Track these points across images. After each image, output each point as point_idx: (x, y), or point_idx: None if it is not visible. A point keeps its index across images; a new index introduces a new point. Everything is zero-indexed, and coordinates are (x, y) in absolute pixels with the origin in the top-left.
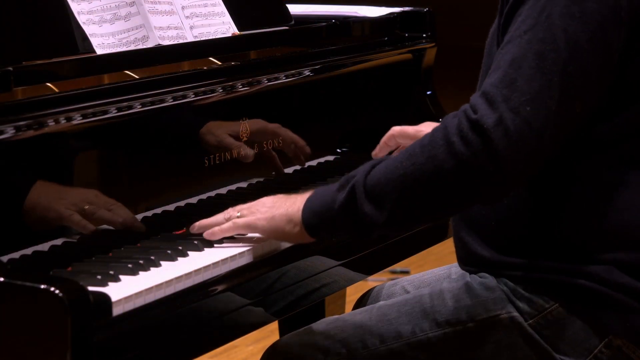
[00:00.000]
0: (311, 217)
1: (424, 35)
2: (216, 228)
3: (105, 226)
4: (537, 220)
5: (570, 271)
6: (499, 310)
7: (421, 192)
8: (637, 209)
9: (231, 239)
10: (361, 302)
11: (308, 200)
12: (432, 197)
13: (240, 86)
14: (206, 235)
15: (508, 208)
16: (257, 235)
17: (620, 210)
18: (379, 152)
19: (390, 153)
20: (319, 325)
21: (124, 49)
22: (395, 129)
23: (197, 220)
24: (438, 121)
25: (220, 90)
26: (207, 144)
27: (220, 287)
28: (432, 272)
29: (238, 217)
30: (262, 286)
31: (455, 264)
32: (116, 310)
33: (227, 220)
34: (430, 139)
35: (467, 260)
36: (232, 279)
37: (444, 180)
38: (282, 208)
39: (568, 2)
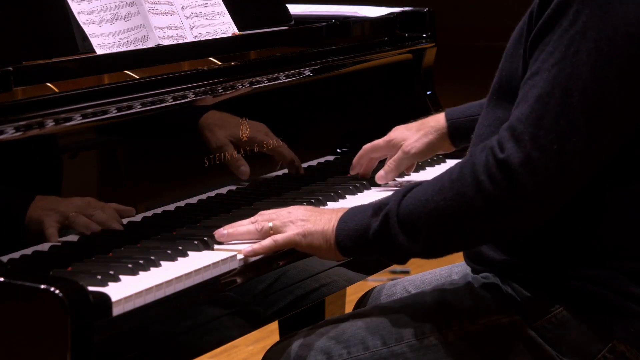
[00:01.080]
0: (346, 240)
1: (424, 35)
2: (257, 246)
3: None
4: (547, 225)
5: (578, 276)
6: (501, 314)
7: (453, 226)
8: None
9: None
10: (362, 303)
11: (342, 222)
12: (464, 231)
13: (240, 86)
14: (246, 253)
15: None
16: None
17: (628, 220)
18: (353, 173)
19: (380, 163)
20: (320, 326)
21: (124, 49)
22: (366, 147)
23: (197, 219)
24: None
25: (220, 90)
26: (207, 141)
27: (220, 287)
28: (434, 272)
29: (271, 227)
30: (262, 286)
31: (457, 263)
32: (116, 310)
33: (259, 230)
34: (459, 174)
35: (474, 257)
36: (232, 279)
37: (474, 216)
38: (318, 225)
39: (597, 37)
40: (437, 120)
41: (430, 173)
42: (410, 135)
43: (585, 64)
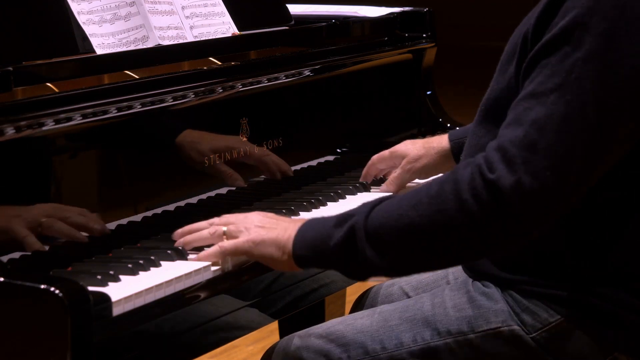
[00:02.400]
0: (303, 249)
1: (424, 35)
2: (202, 254)
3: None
4: (549, 243)
5: (578, 290)
6: (501, 323)
7: (428, 244)
8: None
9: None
10: (359, 303)
11: (301, 230)
12: (439, 249)
13: (240, 86)
14: (194, 259)
15: None
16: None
17: (631, 239)
18: (363, 180)
19: (382, 179)
20: (320, 328)
21: (124, 49)
22: (374, 158)
23: (197, 219)
24: (438, 122)
25: (220, 90)
26: (190, 158)
27: (220, 287)
28: (430, 273)
29: (224, 232)
30: (261, 286)
31: None
32: (116, 310)
33: (212, 234)
34: (439, 191)
35: (472, 269)
36: (232, 279)
37: (453, 235)
38: (272, 232)
39: (600, 66)
40: (440, 142)
41: None
42: (413, 152)
43: (587, 93)
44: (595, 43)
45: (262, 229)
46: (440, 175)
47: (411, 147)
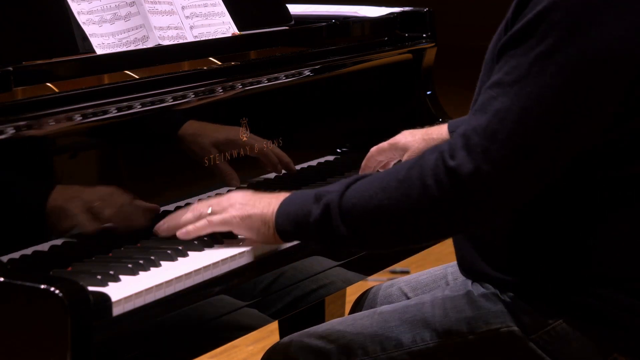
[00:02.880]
0: (286, 223)
1: (424, 35)
2: (190, 227)
3: (104, 226)
4: (544, 242)
5: (576, 291)
6: (500, 324)
7: (395, 226)
8: (634, 237)
9: (231, 239)
10: (358, 304)
11: (283, 206)
12: (406, 231)
13: (240, 86)
14: (180, 235)
15: (514, 228)
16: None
17: (625, 239)
18: (361, 172)
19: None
20: (320, 328)
21: (124, 49)
22: (372, 150)
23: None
24: (438, 122)
25: (220, 90)
26: (191, 151)
27: (220, 288)
28: (429, 272)
29: (209, 213)
30: (261, 287)
31: (451, 263)
32: (116, 310)
33: (198, 218)
34: (406, 175)
35: (469, 270)
36: (232, 279)
37: (417, 218)
38: (257, 208)
39: (562, 60)
40: (440, 132)
41: None
42: (414, 144)
43: (547, 86)
44: (558, 38)
45: (246, 205)
46: (409, 160)
47: (411, 140)
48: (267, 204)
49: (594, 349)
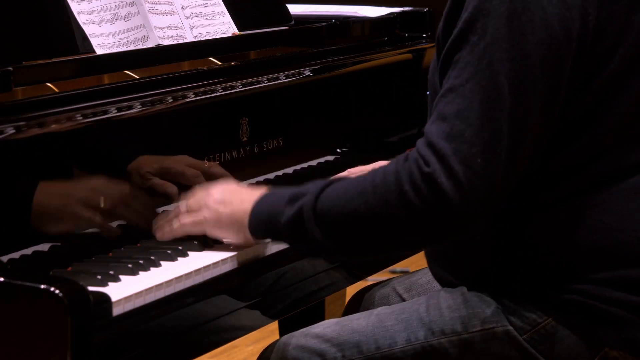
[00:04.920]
0: (257, 224)
1: (424, 35)
2: (167, 228)
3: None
4: (512, 251)
5: (560, 289)
6: (495, 323)
7: (372, 232)
8: (608, 229)
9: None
10: (354, 303)
11: (256, 204)
12: (384, 238)
13: (240, 86)
14: (157, 236)
15: (479, 241)
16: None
17: (593, 232)
18: None
19: None
20: (316, 328)
21: (124, 49)
22: (351, 171)
23: None
24: None
25: (220, 90)
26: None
27: (220, 288)
28: (423, 273)
29: (186, 209)
30: (262, 287)
31: None
32: (116, 310)
33: (176, 216)
34: (383, 179)
35: (461, 277)
36: (232, 279)
37: (395, 225)
38: (229, 207)
39: (507, 46)
40: None
41: None
42: None
43: (499, 74)
44: (498, 25)
45: (221, 204)
46: (385, 163)
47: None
48: (240, 202)
49: (585, 345)
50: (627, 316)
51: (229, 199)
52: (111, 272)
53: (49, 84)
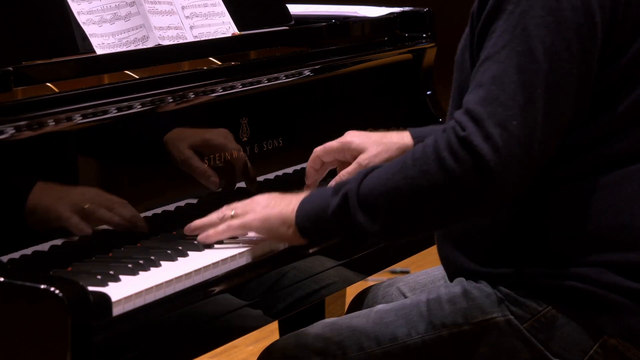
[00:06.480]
0: (305, 220)
1: (424, 35)
2: (211, 231)
3: (105, 226)
4: (520, 229)
5: (560, 275)
6: (496, 313)
7: (414, 205)
8: (616, 211)
9: (231, 239)
10: (357, 303)
11: (302, 203)
12: (425, 210)
13: (240, 86)
14: (200, 239)
15: (489, 220)
16: (257, 235)
17: (601, 213)
18: (309, 182)
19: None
20: (316, 327)
21: (124, 49)
22: (317, 149)
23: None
24: (438, 122)
25: (220, 90)
26: (173, 158)
27: (220, 288)
28: (427, 273)
29: (232, 216)
30: (262, 287)
31: None
32: (116, 310)
33: (222, 220)
34: (422, 152)
35: (456, 274)
36: (232, 279)
37: (436, 194)
38: (276, 208)
39: (542, 12)
40: (401, 137)
41: None
42: (370, 146)
43: (534, 39)
44: None
45: (267, 207)
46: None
47: (367, 141)
48: (287, 203)
49: (584, 333)
50: (626, 303)
51: (274, 202)
52: (111, 272)
53: (49, 84)
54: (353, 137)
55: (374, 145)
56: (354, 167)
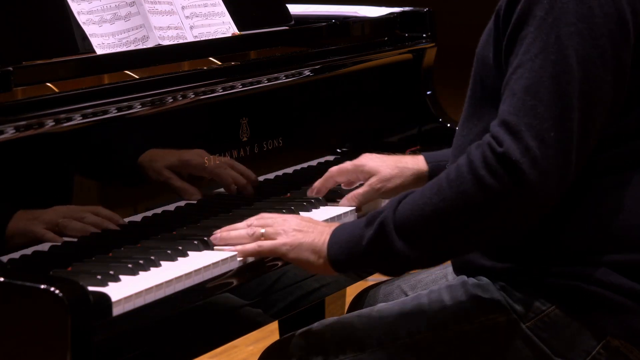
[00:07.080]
0: (338, 252)
1: (424, 35)
2: (240, 248)
3: (105, 227)
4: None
5: (567, 274)
6: (497, 313)
7: (453, 227)
8: (631, 211)
9: None
10: (357, 302)
11: (334, 234)
12: (466, 231)
13: (240, 86)
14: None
15: None
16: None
17: (614, 212)
18: (316, 193)
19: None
20: (317, 327)
21: (124, 49)
22: (333, 170)
23: (197, 219)
24: (438, 122)
25: (220, 90)
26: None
27: (220, 287)
28: (428, 272)
29: (262, 233)
30: (262, 287)
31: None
32: (116, 310)
33: (251, 235)
34: (457, 173)
35: (461, 267)
36: (232, 279)
37: (476, 214)
38: (309, 237)
39: (575, 20)
40: (416, 162)
41: None
42: (383, 170)
43: (568, 48)
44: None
45: (299, 232)
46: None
47: (381, 165)
48: (320, 232)
49: (588, 334)
50: (630, 304)
51: (307, 228)
52: (111, 272)
53: (49, 84)
54: (367, 160)
55: (388, 169)
56: (365, 189)
